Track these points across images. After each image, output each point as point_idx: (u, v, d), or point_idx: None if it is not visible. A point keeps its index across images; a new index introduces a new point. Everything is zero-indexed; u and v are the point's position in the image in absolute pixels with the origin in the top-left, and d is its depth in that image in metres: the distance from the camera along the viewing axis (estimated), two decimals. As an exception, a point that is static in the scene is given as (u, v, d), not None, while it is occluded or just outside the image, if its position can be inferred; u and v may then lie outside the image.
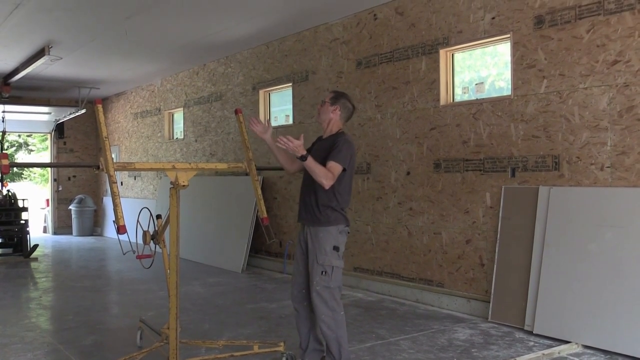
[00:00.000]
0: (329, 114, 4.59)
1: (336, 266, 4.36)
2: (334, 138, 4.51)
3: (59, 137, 16.26)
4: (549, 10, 5.72)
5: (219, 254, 10.07)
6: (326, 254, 4.34)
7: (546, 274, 5.56)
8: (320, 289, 4.32)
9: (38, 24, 8.36)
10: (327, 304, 4.33)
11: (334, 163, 4.31)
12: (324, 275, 4.32)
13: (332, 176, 4.27)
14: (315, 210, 4.40)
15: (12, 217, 11.63)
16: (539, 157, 5.83)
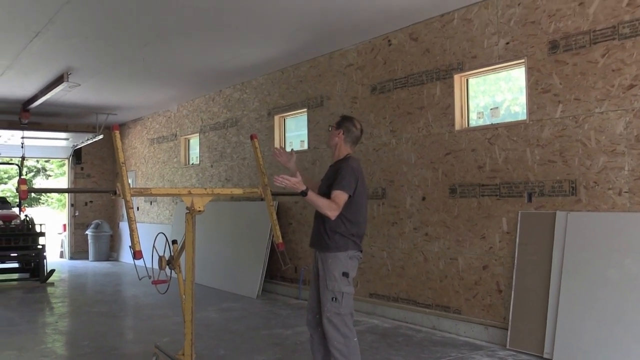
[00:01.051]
0: (334, 139, 4.62)
1: (346, 292, 4.33)
2: (339, 164, 4.52)
3: (76, 163, 16.40)
4: (563, 35, 5.73)
5: (234, 279, 10.05)
6: (335, 280, 4.31)
7: (565, 300, 5.49)
8: (330, 316, 4.30)
9: (57, 52, 8.50)
10: (339, 330, 4.30)
11: (338, 192, 4.29)
12: (334, 301, 4.30)
13: (337, 206, 4.26)
14: (324, 236, 4.39)
15: (30, 242, 11.68)
16: (555, 182, 5.80)
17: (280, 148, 4.73)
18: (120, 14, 6.86)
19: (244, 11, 6.79)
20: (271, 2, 6.48)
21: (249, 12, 6.85)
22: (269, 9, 6.75)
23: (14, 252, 11.51)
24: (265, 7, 6.66)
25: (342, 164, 4.47)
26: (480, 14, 6.51)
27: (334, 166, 4.54)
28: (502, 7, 6.29)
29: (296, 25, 7.37)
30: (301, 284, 9.12)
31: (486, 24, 6.45)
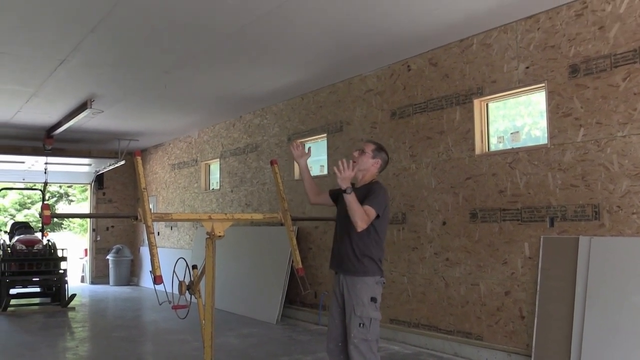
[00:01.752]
0: (369, 166, 4.58)
1: (374, 318, 4.30)
2: (370, 186, 4.50)
3: (98, 188, 16.55)
4: (584, 59, 5.70)
5: (254, 304, 10.02)
6: (364, 306, 4.28)
7: (589, 327, 5.38)
8: (358, 342, 4.25)
9: (81, 79, 8.63)
10: (365, 357, 4.24)
11: (369, 207, 4.28)
12: (361, 327, 4.26)
13: (368, 219, 4.25)
14: (354, 259, 4.35)
15: (52, 267, 11.75)
16: (578, 206, 5.73)
17: (299, 143, 4.72)
18: (143, 42, 6.97)
19: (263, 38, 6.86)
20: (291, 29, 6.55)
21: (268, 39, 6.92)
22: (288, 36, 6.82)
23: (36, 277, 11.60)
24: (285, 33, 6.73)
25: (374, 185, 4.47)
26: (500, 38, 6.52)
27: (362, 189, 4.49)
28: (521, 31, 6.29)
29: (315, 51, 7.43)
30: (321, 310, 9.06)
31: (505, 49, 6.45)
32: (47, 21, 6.24)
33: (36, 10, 5.93)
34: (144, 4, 5.76)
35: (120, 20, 6.21)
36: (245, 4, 5.75)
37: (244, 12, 6.00)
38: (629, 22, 5.37)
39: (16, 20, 6.20)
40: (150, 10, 5.96)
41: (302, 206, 9.50)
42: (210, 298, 4.47)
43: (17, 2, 5.71)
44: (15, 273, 11.35)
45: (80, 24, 6.31)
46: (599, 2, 5.60)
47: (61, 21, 6.25)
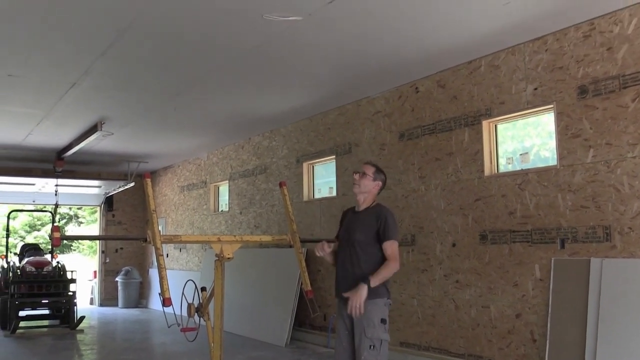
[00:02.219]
0: (370, 188, 4.59)
1: (384, 339, 4.30)
2: (377, 211, 4.50)
3: (108, 210, 16.61)
4: (592, 80, 5.70)
5: (263, 326, 9.97)
6: (375, 327, 4.27)
7: (602, 350, 5.31)
8: None
9: (91, 102, 8.69)
10: None
11: (392, 242, 4.37)
12: (372, 349, 4.24)
13: (396, 257, 4.35)
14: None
15: (61, 289, 11.76)
16: (588, 227, 5.69)
17: (327, 246, 4.65)
18: (153, 65, 7.04)
19: (272, 61, 6.91)
20: (299, 52, 6.60)
21: (277, 62, 6.97)
22: (297, 59, 6.87)
23: (45, 299, 11.61)
24: (294, 57, 6.77)
25: (381, 212, 4.47)
26: (508, 60, 6.54)
27: (368, 213, 4.50)
28: (529, 53, 6.31)
29: (324, 73, 7.47)
30: (330, 332, 8.99)
31: (514, 70, 6.47)
32: (58, 45, 6.32)
33: (47, 35, 6.01)
34: (154, 28, 5.82)
35: (130, 44, 6.28)
36: (253, 26, 5.80)
37: (252, 35, 6.05)
38: (637, 43, 5.37)
39: (27, 44, 6.28)
40: (160, 34, 6.02)
41: (311, 228, 9.48)
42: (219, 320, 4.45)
43: (28, 27, 5.78)
44: (24, 295, 11.36)
45: (91, 47, 6.38)
46: (606, 23, 5.61)
47: (72, 45, 6.32)
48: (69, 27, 5.80)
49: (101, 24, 5.71)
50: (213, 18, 5.58)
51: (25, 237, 32.78)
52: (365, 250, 4.42)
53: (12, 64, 6.94)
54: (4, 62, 6.86)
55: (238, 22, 5.68)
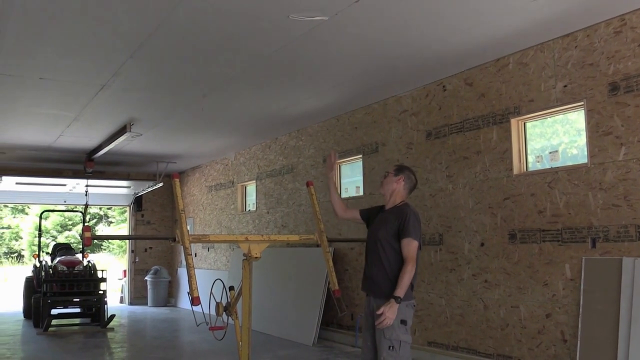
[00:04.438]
0: (392, 184, 4.64)
1: (404, 341, 4.27)
2: (401, 210, 4.51)
3: (137, 210, 16.76)
4: (624, 76, 5.61)
5: (290, 326, 10.00)
6: (394, 328, 4.26)
7: (635, 350, 5.23)
8: None
9: (120, 104, 8.80)
10: None
11: (411, 239, 4.34)
12: (391, 350, 4.23)
13: (412, 257, 4.32)
14: (386, 282, 4.36)
15: (92, 288, 11.92)
16: (620, 226, 5.60)
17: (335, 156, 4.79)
18: (180, 66, 7.09)
19: (298, 61, 6.93)
20: (325, 52, 6.60)
21: (303, 62, 6.98)
22: (323, 59, 6.87)
23: (76, 297, 11.78)
24: (320, 57, 6.78)
25: (404, 210, 4.48)
26: (536, 57, 6.46)
27: (393, 212, 4.53)
28: (558, 50, 6.23)
29: (350, 72, 7.47)
30: (358, 332, 8.98)
31: (542, 68, 6.39)
32: (88, 48, 6.41)
33: (77, 38, 6.09)
34: (182, 30, 5.87)
35: (158, 47, 6.34)
36: (280, 26, 5.82)
37: (278, 35, 6.07)
38: (670, 39, 5.28)
39: (58, 47, 6.37)
40: (188, 36, 6.07)
41: (338, 227, 9.48)
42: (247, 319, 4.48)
43: (59, 30, 5.88)
44: (56, 293, 11.55)
45: (120, 50, 6.46)
46: (638, 19, 5.52)
47: (101, 48, 6.40)
48: (98, 30, 5.88)
49: (130, 26, 5.78)
50: (239, 19, 5.61)
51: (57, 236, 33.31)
52: (387, 248, 4.44)
53: (43, 67, 7.05)
54: (35, 66, 6.97)
55: (264, 23, 5.70)
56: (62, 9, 5.35)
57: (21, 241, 37.85)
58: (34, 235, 28.02)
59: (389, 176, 4.67)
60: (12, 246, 38.17)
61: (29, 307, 12.99)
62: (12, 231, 37.91)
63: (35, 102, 8.62)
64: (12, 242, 38.15)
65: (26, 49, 6.41)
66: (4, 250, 37.46)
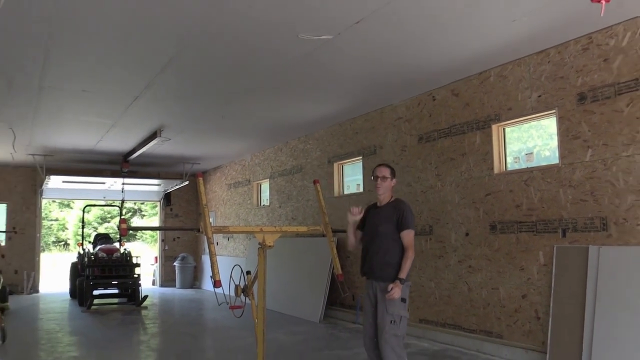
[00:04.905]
0: (390, 187, 4.64)
1: (404, 316, 4.30)
2: (397, 205, 4.52)
3: (166, 205, 16.78)
4: (590, 87, 5.59)
5: (300, 305, 10.01)
6: (395, 305, 4.28)
7: (599, 327, 5.22)
8: (388, 337, 4.24)
9: (152, 112, 8.82)
10: (394, 350, 4.22)
11: (410, 230, 4.40)
12: (392, 324, 4.25)
13: (412, 245, 4.38)
14: (388, 268, 4.37)
15: (128, 272, 11.94)
16: (587, 219, 5.59)
17: (358, 210, 4.65)
18: (204, 79, 7.11)
19: (306, 75, 6.93)
20: (330, 67, 6.60)
21: (310, 76, 6.99)
22: (328, 73, 6.87)
23: (114, 280, 11.82)
24: (326, 71, 6.78)
25: (401, 205, 4.51)
26: (514, 71, 6.45)
27: (389, 207, 4.53)
28: (533, 64, 6.22)
29: (352, 84, 7.47)
30: (358, 310, 9.00)
31: (520, 80, 6.38)
32: (124, 63, 6.43)
33: (115, 55, 6.12)
34: (205, 48, 5.89)
35: (185, 63, 6.36)
36: (290, 44, 5.82)
37: (289, 52, 6.07)
38: (630, 54, 5.25)
39: (98, 64, 6.40)
40: (211, 53, 6.08)
41: (341, 220, 9.47)
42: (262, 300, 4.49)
43: (99, 49, 5.90)
44: (97, 277, 11.58)
45: (152, 65, 6.48)
46: (603, 37, 5.50)
47: (135, 63, 6.43)
48: (133, 48, 5.90)
49: (160, 44, 5.80)
50: (255, 38, 5.62)
51: (98, 227, 33.38)
52: (388, 239, 4.45)
53: (86, 81, 7.09)
54: (79, 79, 7.01)
55: (277, 41, 5.71)
56: (102, 30, 5.38)
57: (67, 231, 37.99)
58: (78, 226, 28.12)
59: (388, 181, 4.61)
60: (60, 236, 38.31)
61: (74, 288, 13.08)
62: (59, 223, 38.05)
63: (79, 111, 8.65)
64: (60, 232, 38.29)
65: (71, 66, 6.45)
66: (53, 239, 37.61)
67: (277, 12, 4.97)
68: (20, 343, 7.79)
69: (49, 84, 7.13)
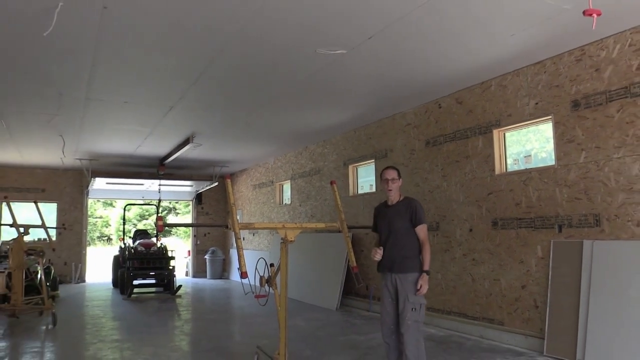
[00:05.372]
0: (398, 185, 4.60)
1: (423, 303, 4.32)
2: (409, 203, 4.49)
3: (198, 204, 16.88)
4: (584, 95, 5.54)
5: (318, 294, 10.03)
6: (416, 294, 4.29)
7: (593, 314, 5.17)
8: (410, 323, 4.23)
9: (185, 121, 8.90)
10: (414, 335, 4.23)
11: (423, 225, 4.40)
12: (413, 311, 4.25)
13: (427, 239, 4.39)
14: (407, 260, 4.36)
15: (164, 264, 12.05)
16: (581, 215, 5.53)
17: (379, 251, 4.52)
18: (232, 90, 7.16)
19: (324, 86, 6.95)
20: (345, 78, 6.61)
21: (327, 87, 7.00)
22: (344, 84, 6.88)
23: (152, 271, 11.94)
24: (341, 82, 6.79)
25: (412, 203, 4.49)
26: (513, 80, 6.41)
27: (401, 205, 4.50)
28: (531, 74, 6.17)
29: (366, 94, 7.47)
30: (371, 299, 8.99)
31: (518, 89, 6.33)
32: (160, 77, 6.51)
33: (153, 70, 6.20)
34: (232, 62, 5.94)
35: (215, 75, 6.42)
36: (308, 58, 5.85)
37: (307, 65, 6.10)
38: (620, 65, 5.20)
39: (137, 78, 6.49)
40: (237, 66, 6.14)
41: (356, 217, 9.49)
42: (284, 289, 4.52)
43: (138, 64, 5.99)
44: (137, 268, 11.73)
45: (185, 78, 6.55)
46: (595, 48, 5.45)
47: (171, 77, 6.50)
48: (168, 63, 5.98)
49: (193, 59, 5.86)
50: (277, 53, 5.66)
51: (137, 224, 33.73)
52: (403, 235, 4.42)
53: (126, 93, 7.19)
54: (120, 92, 7.11)
55: (296, 55, 5.74)
56: (141, 49, 5.46)
57: (110, 228, 38.49)
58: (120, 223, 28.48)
59: (397, 182, 4.58)
60: (103, 231, 38.82)
61: (116, 278, 13.24)
62: (103, 220, 38.56)
63: (120, 120, 8.77)
64: (103, 229, 38.80)
65: (114, 80, 6.54)
66: (97, 234, 38.11)
67: (297, 31, 5.01)
68: (69, 327, 7.93)
69: (94, 96, 7.25)
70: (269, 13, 4.62)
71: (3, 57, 5.66)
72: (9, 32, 4.96)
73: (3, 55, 5.60)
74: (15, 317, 8.32)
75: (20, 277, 8.19)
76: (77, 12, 4.53)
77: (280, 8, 4.52)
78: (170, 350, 6.32)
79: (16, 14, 4.55)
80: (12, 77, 6.36)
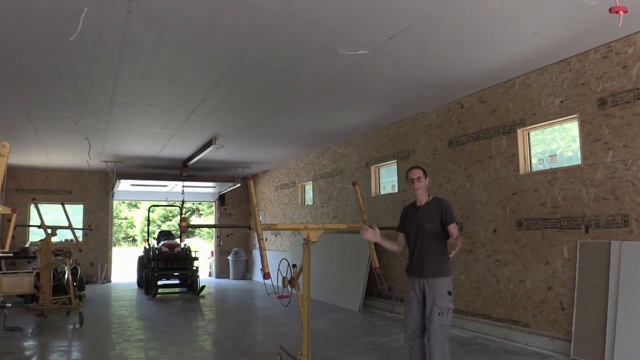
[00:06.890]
0: (424, 184, 4.52)
1: (450, 308, 4.22)
2: (436, 203, 4.40)
3: (221, 205, 17.00)
4: (610, 93, 5.44)
5: (340, 295, 10.02)
6: (444, 298, 4.19)
7: (622, 316, 5.06)
8: (437, 327, 4.17)
9: (208, 123, 8.98)
10: (440, 340, 4.16)
11: (454, 224, 4.28)
12: (440, 315, 4.18)
13: (459, 236, 4.24)
14: (438, 264, 4.28)
15: (187, 265, 12.17)
16: (609, 216, 5.42)
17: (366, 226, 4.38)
18: (253, 93, 7.20)
19: (345, 86, 6.95)
20: (367, 79, 6.61)
21: (349, 87, 7.00)
22: (365, 84, 6.87)
23: (176, 272, 12.07)
24: (363, 82, 6.78)
25: (441, 202, 4.39)
26: (538, 79, 6.32)
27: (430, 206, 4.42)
28: (555, 72, 6.08)
29: (386, 94, 7.45)
30: (394, 300, 8.95)
31: (543, 87, 6.24)
32: (183, 81, 6.59)
33: (176, 74, 6.28)
34: (253, 65, 5.98)
35: (236, 78, 6.47)
36: (330, 59, 5.86)
37: (329, 66, 6.10)
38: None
39: (161, 81, 6.58)
40: (258, 69, 6.18)
41: (378, 218, 9.46)
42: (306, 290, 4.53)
43: (162, 68, 6.08)
44: (161, 269, 11.87)
45: (207, 81, 6.62)
46: (622, 45, 5.34)
47: (193, 80, 6.58)
48: (190, 66, 6.05)
49: (215, 62, 5.92)
50: (298, 54, 5.68)
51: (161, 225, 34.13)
52: (435, 239, 4.32)
53: (150, 96, 7.29)
54: (144, 95, 7.22)
55: (318, 56, 5.76)
56: (165, 53, 5.54)
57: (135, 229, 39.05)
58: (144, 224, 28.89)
59: (423, 182, 4.47)
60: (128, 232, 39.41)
61: (141, 278, 13.42)
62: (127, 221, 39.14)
63: (144, 123, 8.89)
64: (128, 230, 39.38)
65: (137, 83, 6.64)
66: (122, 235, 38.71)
67: (318, 32, 5.02)
68: (95, 326, 8.07)
69: (119, 99, 7.37)
70: (289, 15, 4.64)
71: (32, 61, 5.80)
72: (37, 38, 5.09)
73: (32, 60, 5.74)
74: (44, 317, 8.51)
75: (48, 277, 8.38)
76: (101, 18, 4.63)
77: (300, 9, 4.54)
78: (194, 350, 6.39)
79: (43, 19, 4.66)
80: (40, 81, 6.52)
